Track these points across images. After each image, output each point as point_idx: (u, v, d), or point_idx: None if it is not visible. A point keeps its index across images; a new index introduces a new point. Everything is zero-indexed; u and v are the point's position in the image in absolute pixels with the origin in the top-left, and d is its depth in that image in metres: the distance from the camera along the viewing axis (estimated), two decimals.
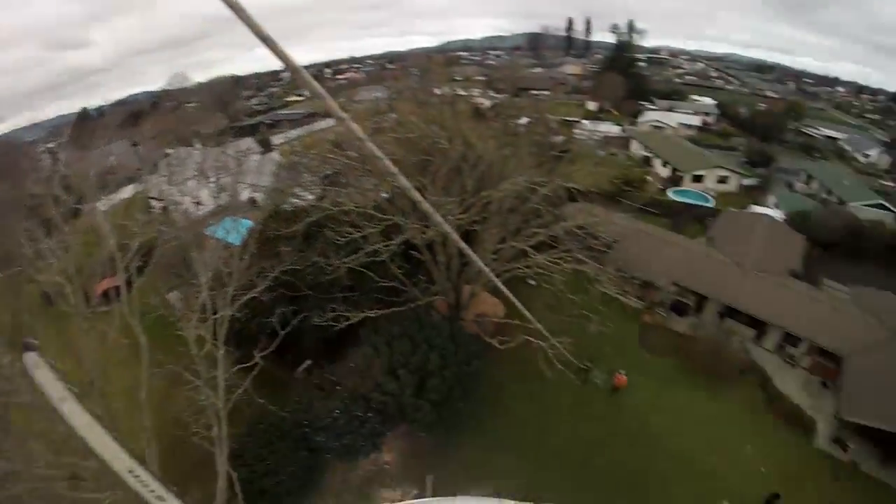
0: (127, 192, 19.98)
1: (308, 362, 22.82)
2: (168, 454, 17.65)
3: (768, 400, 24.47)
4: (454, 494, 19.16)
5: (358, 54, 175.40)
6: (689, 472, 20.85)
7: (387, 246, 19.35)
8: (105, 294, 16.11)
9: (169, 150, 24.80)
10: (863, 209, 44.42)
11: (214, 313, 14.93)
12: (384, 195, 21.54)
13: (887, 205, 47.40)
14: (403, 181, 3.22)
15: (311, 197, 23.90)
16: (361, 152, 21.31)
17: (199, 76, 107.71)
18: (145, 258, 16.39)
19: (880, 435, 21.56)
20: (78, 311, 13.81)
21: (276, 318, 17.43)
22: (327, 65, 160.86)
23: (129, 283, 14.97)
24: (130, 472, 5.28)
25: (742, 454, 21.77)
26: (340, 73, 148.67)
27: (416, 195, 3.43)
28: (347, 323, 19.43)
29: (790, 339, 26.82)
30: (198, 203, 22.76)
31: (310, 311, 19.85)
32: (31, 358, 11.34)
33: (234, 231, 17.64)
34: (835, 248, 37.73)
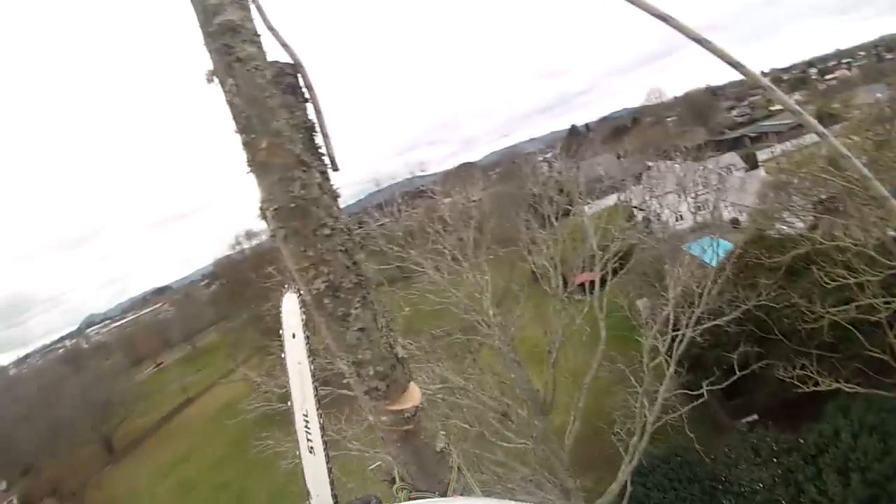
0: (610, 199, 21.47)
1: (754, 416, 20.11)
2: (585, 438, 18.39)
3: None
4: None
5: (844, 45, 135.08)
6: None
7: (887, 304, 14.94)
8: (581, 286, 17.69)
9: (650, 163, 25.48)
10: None
11: (675, 330, 14.53)
12: (893, 233, 16.82)
13: None
14: None
15: (800, 225, 20.62)
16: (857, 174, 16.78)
17: (675, 90, 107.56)
18: (621, 262, 17.22)
19: None
20: (555, 294, 15.52)
21: (736, 356, 15.84)
22: (810, 63, 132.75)
23: (602, 281, 15.98)
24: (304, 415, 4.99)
25: None
26: (829, 72, 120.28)
27: None
28: (815, 388, 16.12)
29: None
30: (678, 217, 22.75)
31: (775, 359, 17.23)
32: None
33: (712, 251, 16.72)
34: None
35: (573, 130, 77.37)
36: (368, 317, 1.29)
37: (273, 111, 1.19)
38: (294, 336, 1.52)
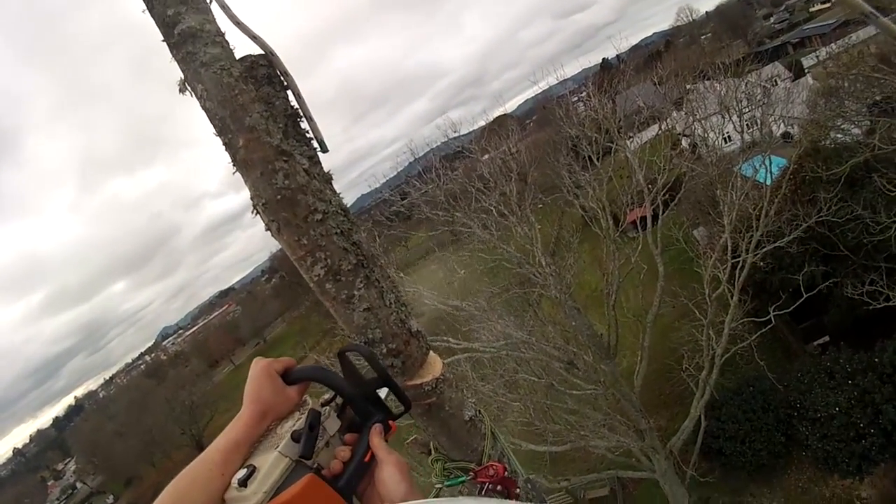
0: (652, 130, 20.63)
1: (826, 338, 19.24)
2: (655, 377, 18.35)
3: None
4: None
5: None
6: None
7: None
8: (634, 223, 17.27)
9: (689, 86, 24.17)
10: None
11: (735, 257, 14.02)
12: None
13: None
14: None
15: (856, 131, 19.23)
16: None
17: (706, 5, 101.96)
18: (672, 193, 16.60)
19: None
20: (607, 235, 15.21)
21: (801, 277, 15.11)
22: None
23: (654, 216, 15.52)
24: None
25: None
26: None
27: None
28: (885, 304, 15.19)
29: None
30: (725, 138, 21.64)
31: (843, 277, 16.36)
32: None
33: (765, 170, 15.84)
34: None
35: (605, 64, 73.88)
36: (374, 295, 1.28)
37: (245, 107, 1.17)
38: None
